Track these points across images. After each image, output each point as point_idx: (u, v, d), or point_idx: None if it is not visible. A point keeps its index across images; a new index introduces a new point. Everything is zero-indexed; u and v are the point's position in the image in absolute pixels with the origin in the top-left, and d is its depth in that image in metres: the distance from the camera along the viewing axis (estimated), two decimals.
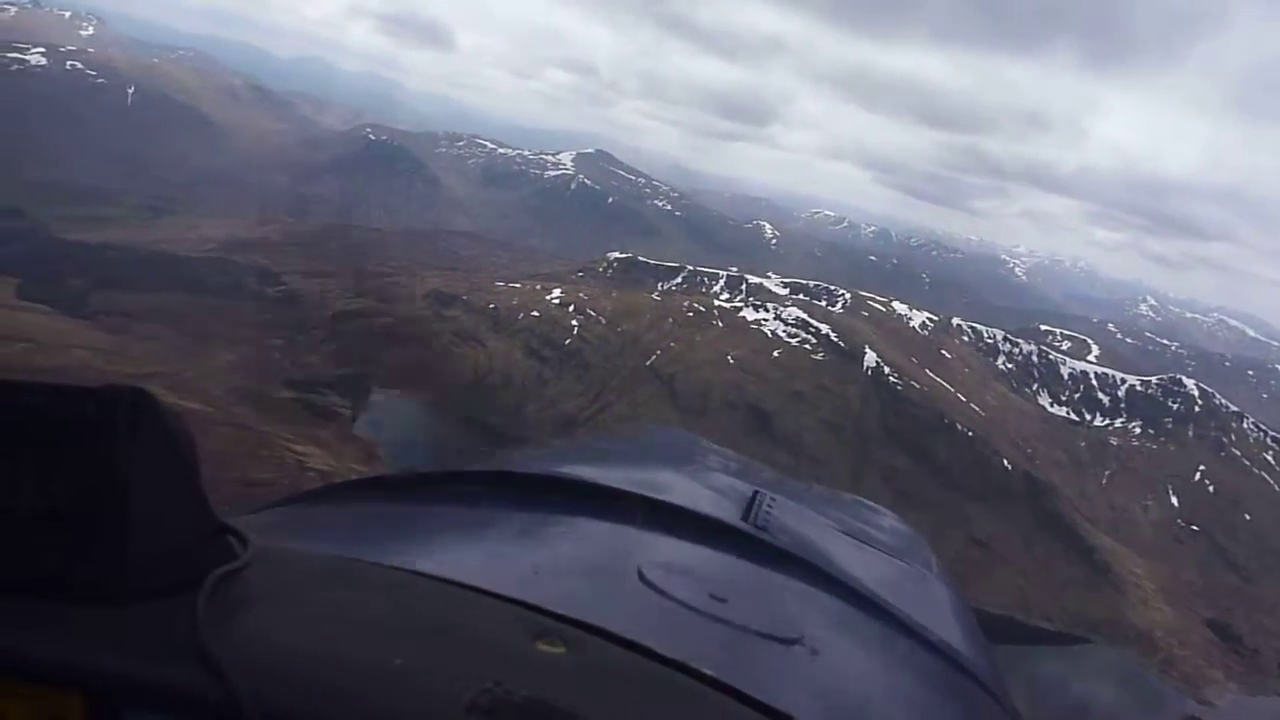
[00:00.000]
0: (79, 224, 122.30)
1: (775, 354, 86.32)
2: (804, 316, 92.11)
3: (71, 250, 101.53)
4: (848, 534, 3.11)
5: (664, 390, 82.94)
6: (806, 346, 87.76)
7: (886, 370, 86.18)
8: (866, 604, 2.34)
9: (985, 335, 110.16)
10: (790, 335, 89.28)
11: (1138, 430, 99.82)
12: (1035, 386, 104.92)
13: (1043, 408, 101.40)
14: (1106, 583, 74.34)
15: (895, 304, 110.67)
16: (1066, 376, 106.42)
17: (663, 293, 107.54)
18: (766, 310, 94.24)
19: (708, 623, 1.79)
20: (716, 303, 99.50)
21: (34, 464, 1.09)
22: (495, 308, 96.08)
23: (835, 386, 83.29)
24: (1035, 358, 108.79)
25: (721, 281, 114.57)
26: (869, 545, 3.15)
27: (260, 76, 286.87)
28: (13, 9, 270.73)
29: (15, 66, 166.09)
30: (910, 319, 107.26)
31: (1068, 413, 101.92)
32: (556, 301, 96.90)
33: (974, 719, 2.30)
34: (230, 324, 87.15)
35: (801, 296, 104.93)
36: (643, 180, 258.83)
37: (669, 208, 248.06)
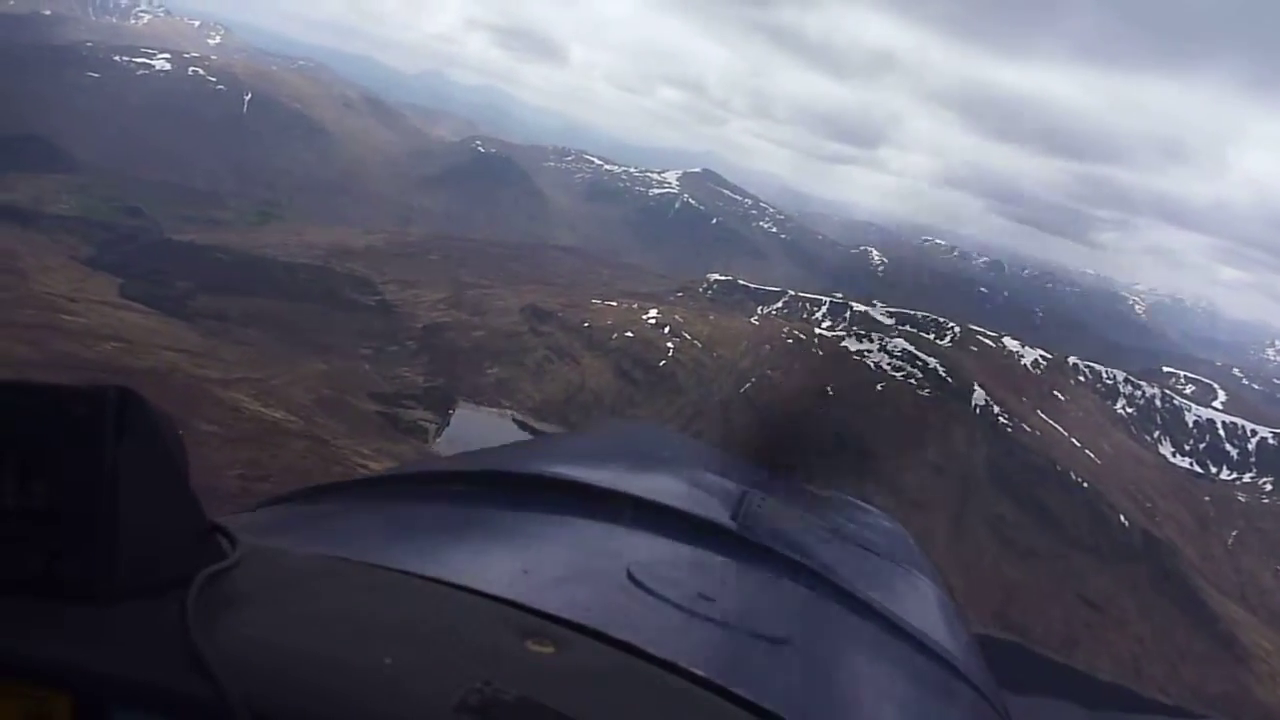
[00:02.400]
0: (191, 225, 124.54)
1: (878, 387, 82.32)
2: (910, 349, 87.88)
3: (180, 251, 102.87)
4: (837, 533, 3.11)
5: (757, 420, 79.61)
6: (912, 381, 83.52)
7: (995, 410, 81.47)
8: (855, 603, 2.37)
9: (1104, 376, 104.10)
10: (895, 368, 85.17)
11: (1268, 487, 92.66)
12: (1157, 434, 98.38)
13: (1164, 458, 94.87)
14: (1230, 655, 68.31)
15: (1006, 339, 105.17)
16: (1191, 424, 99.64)
17: (762, 317, 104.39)
18: (871, 341, 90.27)
19: (697, 622, 1.82)
20: (818, 330, 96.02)
21: (22, 464, 1.10)
22: (590, 326, 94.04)
23: (940, 425, 78.92)
24: (1158, 402, 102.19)
25: (824, 308, 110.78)
26: (858, 544, 3.15)
27: (379, 88, 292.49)
28: (146, 16, 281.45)
29: (141, 71, 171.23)
30: (1022, 356, 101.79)
31: (1191, 464, 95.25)
32: (652, 322, 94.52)
33: (963, 717, 2.33)
34: (324, 332, 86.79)
35: (908, 328, 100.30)
36: (749, 201, 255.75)
37: (774, 230, 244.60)
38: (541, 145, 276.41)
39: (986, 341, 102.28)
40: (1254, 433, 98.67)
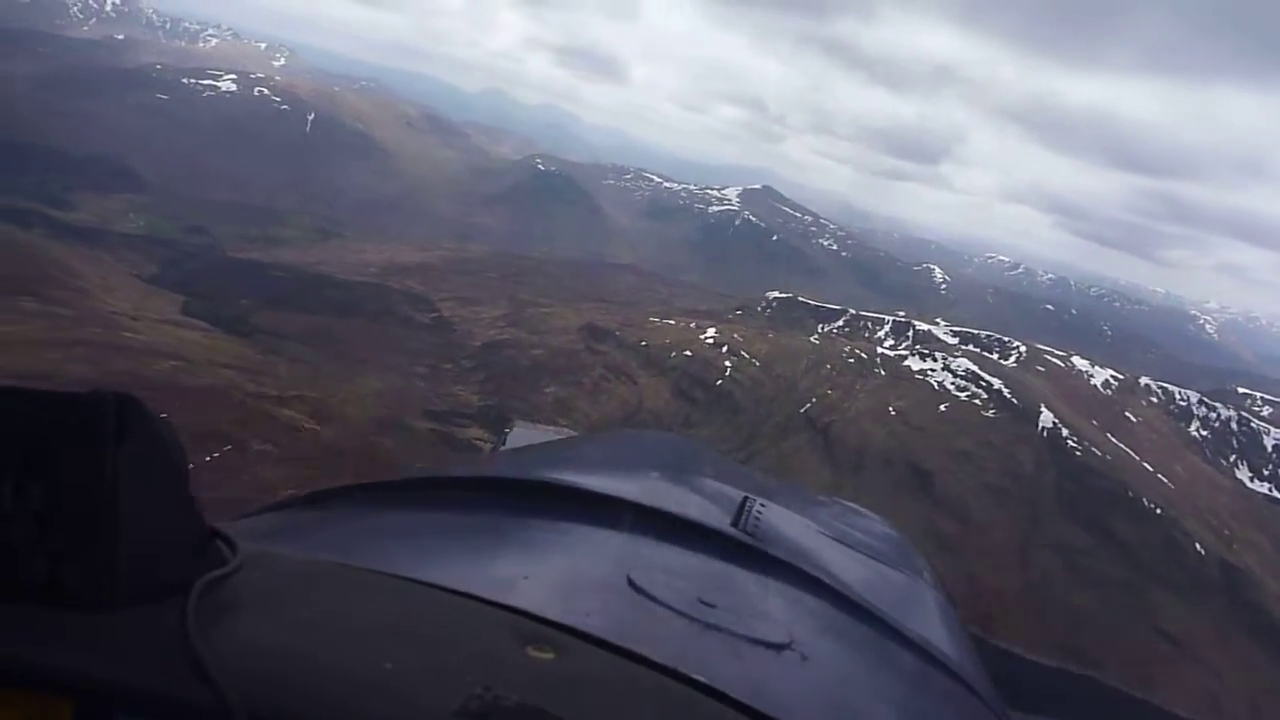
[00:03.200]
0: (253, 243, 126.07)
1: (941, 408, 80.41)
2: (974, 369, 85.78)
3: (241, 269, 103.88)
4: (837, 539, 3.13)
5: (817, 440, 78.17)
6: (976, 402, 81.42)
7: (1064, 432, 79.03)
8: (855, 609, 2.38)
9: (1177, 397, 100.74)
10: (959, 388, 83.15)
11: None
12: (1233, 458, 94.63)
13: (1241, 482, 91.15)
14: None
15: (1075, 359, 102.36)
16: (1270, 448, 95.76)
17: (822, 336, 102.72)
18: (934, 360, 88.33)
19: (697, 628, 1.82)
20: (880, 349, 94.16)
21: (21, 470, 1.10)
22: (648, 345, 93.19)
23: (1006, 447, 76.69)
24: (1234, 424, 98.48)
25: (886, 327, 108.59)
26: (859, 550, 3.16)
27: (441, 107, 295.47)
28: (214, 39, 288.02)
29: (208, 93, 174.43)
30: (1091, 376, 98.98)
31: (1270, 489, 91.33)
32: (710, 341, 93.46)
33: None
34: (380, 349, 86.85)
35: (972, 347, 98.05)
36: (809, 218, 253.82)
37: (834, 247, 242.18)
38: (601, 163, 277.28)
39: (1054, 361, 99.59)
40: None
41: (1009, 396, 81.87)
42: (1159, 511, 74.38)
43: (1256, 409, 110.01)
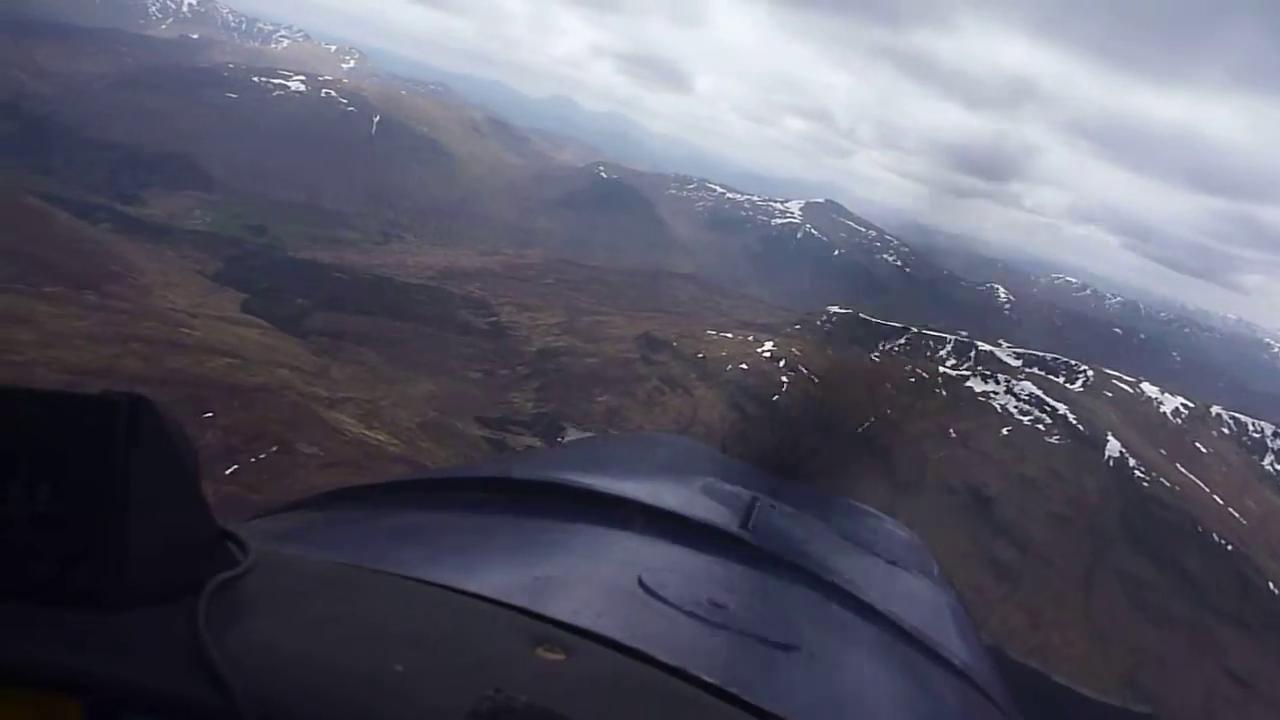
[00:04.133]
0: (315, 244, 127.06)
1: (1004, 432, 78.20)
2: (1039, 393, 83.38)
3: (301, 269, 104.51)
4: (847, 540, 3.14)
5: (876, 460, 76.29)
6: (1040, 427, 79.07)
7: (1131, 462, 76.47)
8: (865, 610, 2.39)
9: (1250, 428, 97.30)
10: (1022, 412, 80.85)
11: None
12: None
13: None
14: None
15: (1144, 385, 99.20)
16: None
17: (883, 354, 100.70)
18: (997, 382, 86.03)
19: (707, 629, 1.83)
20: (942, 369, 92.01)
21: (34, 471, 1.11)
22: (704, 356, 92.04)
23: (1070, 475, 74.36)
24: None
25: (949, 346, 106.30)
26: (869, 551, 3.17)
27: (507, 113, 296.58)
28: (286, 41, 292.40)
29: (276, 93, 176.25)
30: (1161, 403, 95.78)
31: None
32: (768, 355, 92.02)
33: None
34: (436, 353, 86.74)
35: (1037, 370, 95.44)
36: (873, 234, 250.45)
37: (898, 263, 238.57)
38: (664, 172, 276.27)
39: (1123, 387, 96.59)
40: None
41: (1074, 423, 79.47)
42: (1229, 547, 71.64)
43: None
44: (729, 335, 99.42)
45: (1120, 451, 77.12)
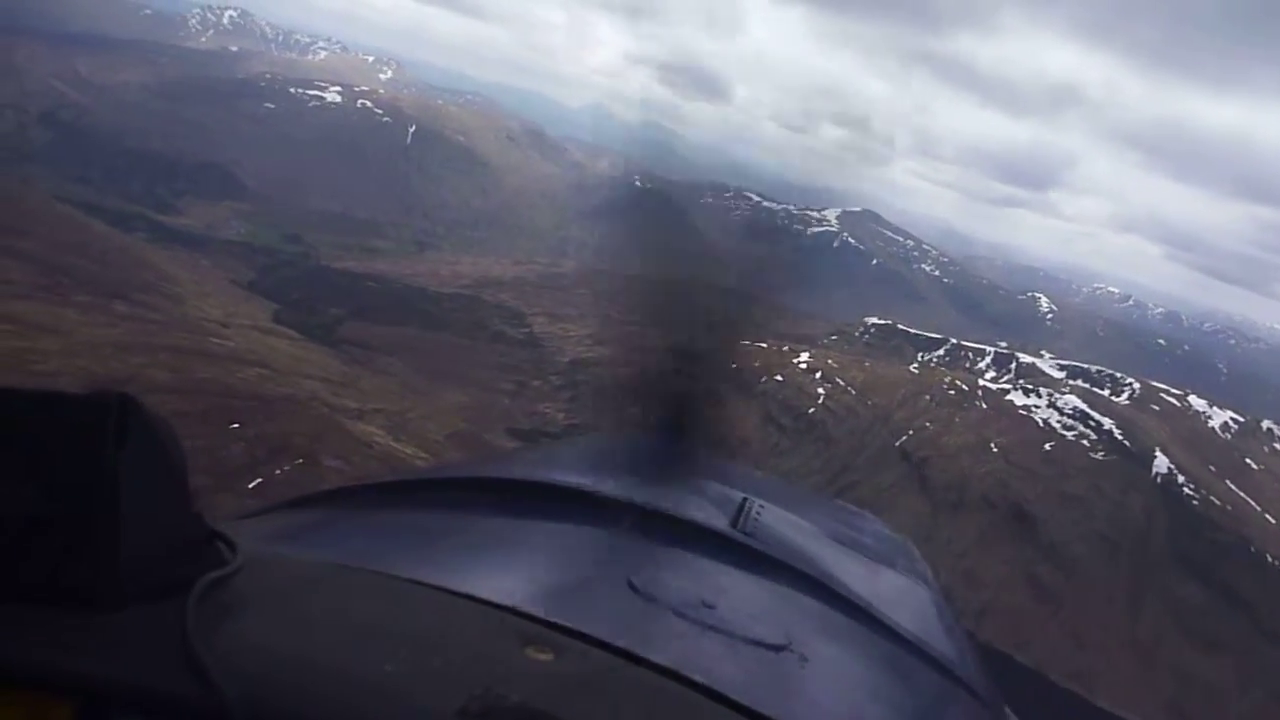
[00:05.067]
0: (349, 253, 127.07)
1: (1046, 447, 76.11)
2: (1083, 406, 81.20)
3: (335, 279, 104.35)
4: (836, 540, 3.15)
5: (913, 475, 74.68)
6: (1084, 442, 76.90)
7: (1180, 479, 74.14)
8: (854, 610, 2.41)
9: None
10: (1065, 427, 78.72)
11: None
12: None
13: None
14: None
15: (1192, 398, 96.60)
16: None
17: (922, 365, 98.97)
18: (1039, 395, 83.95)
19: (696, 629, 1.85)
20: (981, 382, 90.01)
21: (22, 470, 1.10)
22: (737, 367, 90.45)
23: (1115, 493, 72.18)
24: None
25: (989, 358, 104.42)
26: (857, 551, 3.18)
27: (544, 123, 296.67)
28: (323, 52, 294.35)
29: (313, 103, 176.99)
30: (1209, 418, 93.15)
31: None
32: (804, 366, 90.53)
33: None
34: (467, 363, 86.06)
35: (1080, 382, 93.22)
36: (911, 243, 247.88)
37: (936, 273, 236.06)
38: (700, 181, 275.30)
39: (1170, 400, 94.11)
40: None
41: (1120, 438, 77.25)
42: None
43: None
44: (763, 345, 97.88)
45: (1168, 468, 74.83)
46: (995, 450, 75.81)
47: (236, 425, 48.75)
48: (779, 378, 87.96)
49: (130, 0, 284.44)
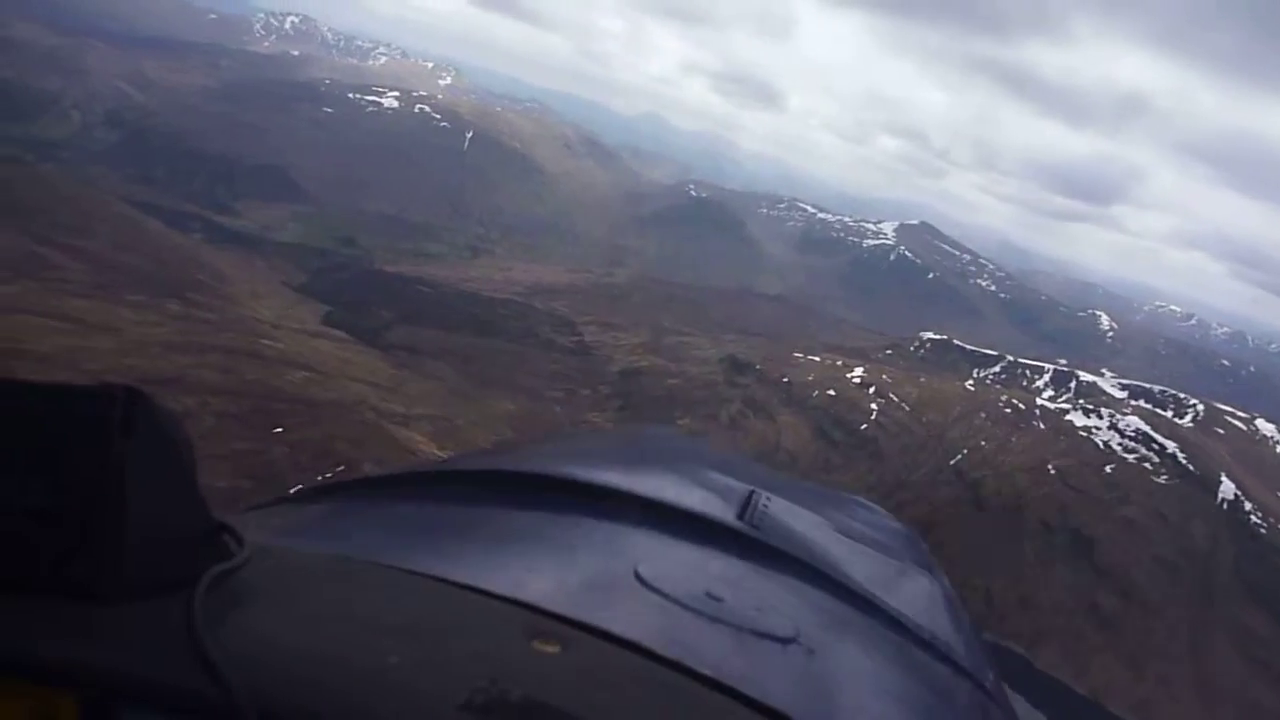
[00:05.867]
0: (403, 257, 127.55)
1: (1107, 469, 73.90)
2: (1145, 428, 78.76)
3: (387, 281, 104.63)
4: (843, 532, 3.12)
5: (967, 496, 72.83)
6: (1147, 466, 74.52)
7: (1247, 506, 71.51)
8: (862, 602, 2.40)
9: None
10: (1127, 449, 76.39)
11: None
12: None
13: None
14: None
15: (1260, 421, 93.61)
16: None
17: (978, 382, 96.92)
18: (1100, 416, 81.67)
19: (703, 622, 1.84)
20: (1040, 400, 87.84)
21: (29, 463, 1.10)
22: (790, 381, 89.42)
23: (1178, 519, 69.80)
24: None
25: (1047, 376, 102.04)
26: (865, 544, 3.15)
27: (600, 131, 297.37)
28: (384, 58, 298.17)
29: (370, 108, 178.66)
30: (1278, 442, 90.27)
31: None
32: (857, 380, 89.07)
33: (969, 717, 2.35)
34: (517, 370, 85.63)
35: (1143, 403, 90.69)
36: (967, 257, 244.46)
37: (993, 288, 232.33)
38: (755, 192, 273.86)
39: (1236, 424, 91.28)
40: None
41: (1184, 462, 74.75)
42: None
43: None
44: (816, 359, 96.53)
45: (1235, 494, 72.20)
46: (1053, 472, 73.74)
47: (280, 429, 48.56)
48: (831, 392, 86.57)
49: (197, 4, 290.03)
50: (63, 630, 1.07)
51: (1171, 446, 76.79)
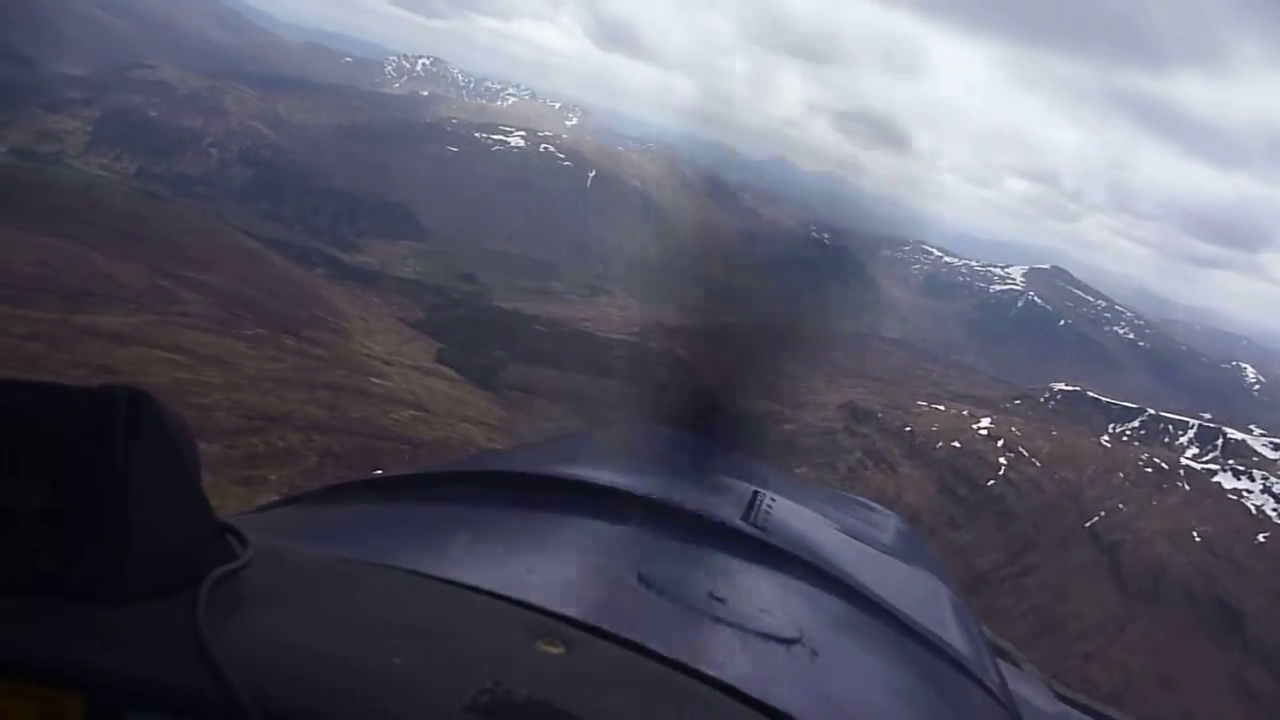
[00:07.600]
0: (522, 295, 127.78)
1: (1260, 538, 68.52)
2: None
3: (503, 319, 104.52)
4: (848, 533, 3.16)
5: (1104, 560, 68.36)
6: None
7: None
8: (866, 604, 2.40)
9: None
10: None
11: None
12: None
13: None
14: None
15: None
16: None
17: (1114, 437, 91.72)
18: (1251, 479, 76.05)
19: (707, 623, 1.85)
20: (1183, 459, 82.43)
21: (33, 465, 1.12)
22: (912, 430, 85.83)
23: None
24: None
25: (1191, 432, 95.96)
26: (869, 545, 3.18)
27: (723, 172, 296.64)
28: (512, 98, 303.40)
29: (496, 147, 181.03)
30: None
31: None
32: (984, 432, 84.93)
33: (973, 716, 2.36)
34: (628, 411, 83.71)
35: None
36: (1102, 303, 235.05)
37: (1131, 336, 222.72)
38: (878, 234, 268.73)
39: None
40: None
41: None
42: None
43: None
44: (941, 408, 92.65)
45: None
46: (1198, 538, 68.73)
47: (380, 470, 47.54)
48: (956, 444, 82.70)
49: (334, 48, 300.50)
50: (68, 631, 1.09)
51: None
